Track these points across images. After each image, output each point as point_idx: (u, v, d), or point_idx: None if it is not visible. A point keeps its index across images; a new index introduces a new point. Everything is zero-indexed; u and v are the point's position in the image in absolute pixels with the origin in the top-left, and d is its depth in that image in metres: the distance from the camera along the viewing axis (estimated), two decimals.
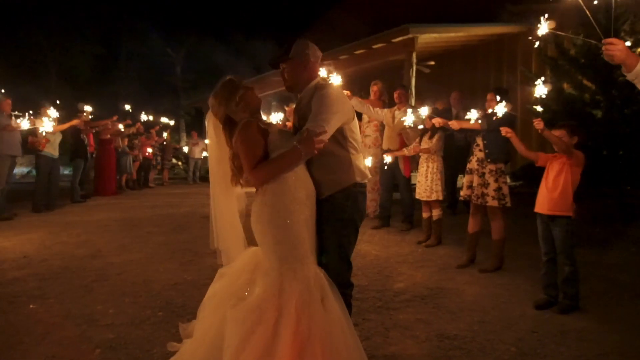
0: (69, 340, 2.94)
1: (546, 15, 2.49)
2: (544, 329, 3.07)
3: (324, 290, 2.23)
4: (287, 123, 6.39)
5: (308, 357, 2.07)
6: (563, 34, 3.25)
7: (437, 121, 4.71)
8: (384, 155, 5.64)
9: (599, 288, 3.82)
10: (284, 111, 6.61)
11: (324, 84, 2.47)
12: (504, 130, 3.98)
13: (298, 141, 2.15)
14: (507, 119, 4.30)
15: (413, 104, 7.18)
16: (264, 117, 2.89)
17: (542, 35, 2.53)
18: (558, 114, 7.41)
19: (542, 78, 3.76)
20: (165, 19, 24.26)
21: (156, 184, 13.55)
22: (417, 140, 5.42)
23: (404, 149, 5.53)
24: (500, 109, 3.91)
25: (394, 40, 9.91)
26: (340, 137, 2.39)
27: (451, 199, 6.86)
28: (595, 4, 2.60)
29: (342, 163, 2.40)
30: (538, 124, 3.41)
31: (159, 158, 13.91)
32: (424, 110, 5.07)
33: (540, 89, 3.49)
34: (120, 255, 4.93)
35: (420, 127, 5.40)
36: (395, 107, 5.98)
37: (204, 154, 16.02)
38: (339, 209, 2.39)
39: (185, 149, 15.08)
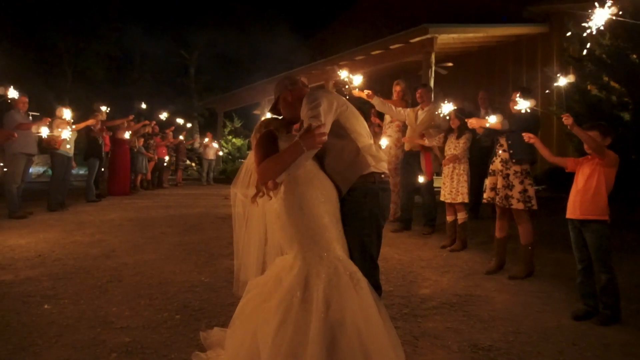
0: (82, 343, 2.82)
1: (609, 3, 2.31)
2: (584, 342, 2.87)
3: (355, 276, 2.16)
4: None
5: (343, 343, 1.99)
6: (626, 20, 3.06)
7: (472, 123, 4.52)
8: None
9: (638, 298, 3.60)
10: None
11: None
12: (527, 137, 3.84)
13: (299, 136, 2.19)
14: (529, 119, 4.14)
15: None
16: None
17: (601, 23, 2.36)
18: (582, 117, 7.16)
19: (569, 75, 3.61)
20: (179, 20, 24.40)
21: (170, 185, 13.51)
22: (439, 138, 5.24)
23: (425, 139, 5.34)
24: (524, 104, 3.74)
25: (412, 41, 9.75)
26: (339, 129, 2.37)
27: (474, 202, 6.64)
28: (622, 5, 2.46)
29: (349, 153, 2.37)
30: (567, 119, 3.23)
31: (173, 158, 13.88)
32: (448, 109, 4.91)
33: (562, 81, 3.39)
34: (135, 256, 4.82)
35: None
36: (418, 107, 5.81)
37: (220, 153, 16.06)
38: (358, 207, 2.35)
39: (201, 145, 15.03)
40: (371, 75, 12.07)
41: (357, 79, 5.32)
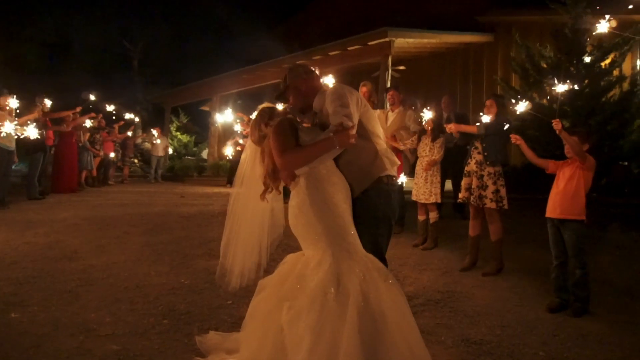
0: (66, 353, 2.62)
1: (607, 17, 2.51)
2: (564, 333, 3.08)
3: (383, 271, 2.19)
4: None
5: (387, 335, 2.00)
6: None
7: (451, 128, 4.70)
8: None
9: (601, 292, 3.88)
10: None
11: (329, 87, 2.55)
12: (514, 138, 4.05)
13: (334, 132, 2.17)
14: (503, 124, 4.39)
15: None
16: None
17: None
18: (527, 123, 7.68)
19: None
20: (123, 8, 23.22)
21: (115, 182, 12.83)
22: (413, 141, 5.38)
23: (399, 142, 5.48)
24: (522, 107, 3.98)
25: (370, 43, 9.92)
26: (361, 129, 2.40)
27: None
28: (561, 19, 2.68)
29: (368, 155, 2.40)
30: (557, 124, 3.45)
31: (119, 154, 13.19)
32: (428, 115, 5.08)
33: (561, 88, 3.62)
34: (100, 257, 4.54)
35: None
36: (389, 109, 5.92)
37: (170, 150, 15.44)
38: (372, 207, 2.38)
39: (148, 144, 14.40)
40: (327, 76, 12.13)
41: (329, 80, 5.35)
